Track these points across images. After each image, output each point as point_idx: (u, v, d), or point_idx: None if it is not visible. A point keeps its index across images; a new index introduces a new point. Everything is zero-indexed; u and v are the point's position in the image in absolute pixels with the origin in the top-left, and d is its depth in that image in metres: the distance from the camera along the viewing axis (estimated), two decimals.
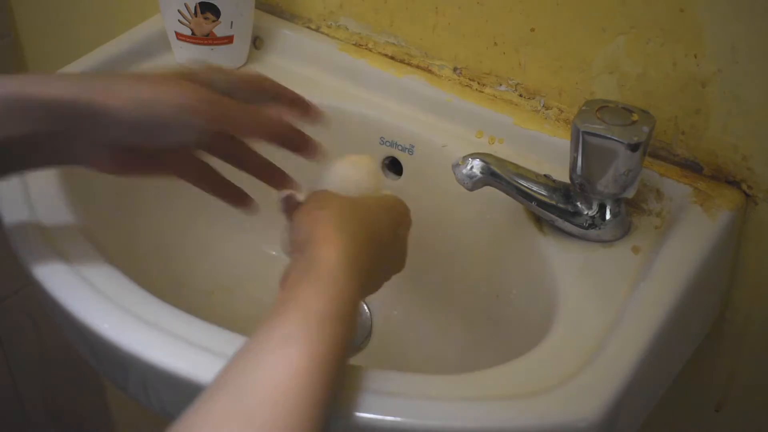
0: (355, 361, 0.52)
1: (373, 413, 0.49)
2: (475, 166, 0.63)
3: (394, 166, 0.77)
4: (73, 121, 0.53)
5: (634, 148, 0.60)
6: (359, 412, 0.49)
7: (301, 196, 0.59)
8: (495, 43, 0.74)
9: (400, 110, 0.77)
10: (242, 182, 0.63)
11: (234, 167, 0.62)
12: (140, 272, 0.64)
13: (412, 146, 0.75)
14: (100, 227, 0.65)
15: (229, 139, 0.59)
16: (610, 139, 0.60)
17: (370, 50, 0.82)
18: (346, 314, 0.48)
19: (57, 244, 0.61)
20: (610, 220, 0.64)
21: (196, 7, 0.79)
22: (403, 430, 0.50)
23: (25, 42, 1.17)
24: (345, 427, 0.50)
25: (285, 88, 0.60)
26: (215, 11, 0.79)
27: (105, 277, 0.59)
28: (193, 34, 0.80)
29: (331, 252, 0.50)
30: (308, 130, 0.60)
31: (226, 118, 0.55)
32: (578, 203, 0.64)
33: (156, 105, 0.53)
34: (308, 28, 0.85)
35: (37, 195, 0.66)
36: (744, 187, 0.66)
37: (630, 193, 0.63)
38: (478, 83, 0.76)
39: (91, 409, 1.37)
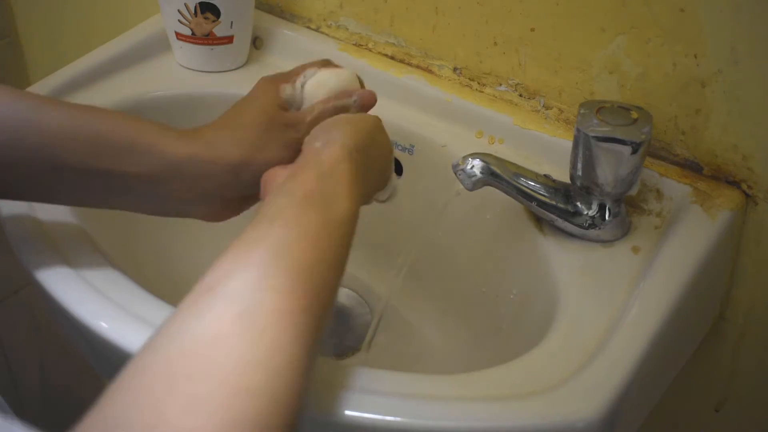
0: (355, 361, 0.52)
1: (374, 413, 0.49)
2: (476, 166, 0.63)
3: (394, 166, 0.77)
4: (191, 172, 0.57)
5: (640, 146, 0.60)
6: (359, 411, 0.49)
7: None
8: (495, 43, 0.74)
9: (400, 110, 0.77)
10: None
11: None
12: (139, 272, 0.64)
13: (412, 146, 0.75)
14: (100, 227, 0.65)
15: None
16: (619, 140, 0.60)
17: (370, 50, 0.82)
18: (353, 219, 0.51)
19: (57, 244, 0.61)
20: (610, 220, 0.64)
21: (196, 7, 0.79)
22: (403, 430, 0.50)
23: (25, 42, 1.17)
24: (345, 426, 0.50)
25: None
26: (215, 11, 0.79)
27: (105, 276, 0.59)
28: (193, 34, 0.80)
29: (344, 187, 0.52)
30: None
31: None
32: (578, 203, 0.64)
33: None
34: (308, 28, 0.85)
35: None
36: (744, 187, 0.66)
37: (634, 191, 0.63)
38: (478, 83, 0.76)
39: (90, 409, 1.36)
